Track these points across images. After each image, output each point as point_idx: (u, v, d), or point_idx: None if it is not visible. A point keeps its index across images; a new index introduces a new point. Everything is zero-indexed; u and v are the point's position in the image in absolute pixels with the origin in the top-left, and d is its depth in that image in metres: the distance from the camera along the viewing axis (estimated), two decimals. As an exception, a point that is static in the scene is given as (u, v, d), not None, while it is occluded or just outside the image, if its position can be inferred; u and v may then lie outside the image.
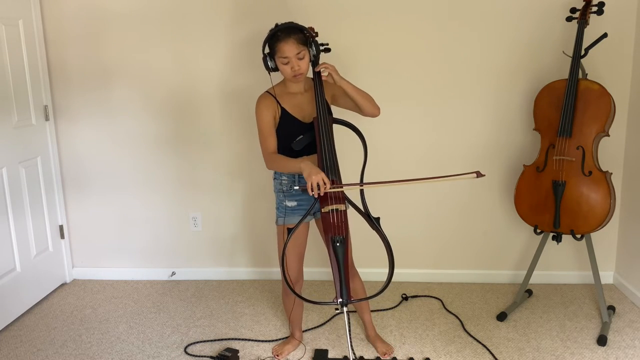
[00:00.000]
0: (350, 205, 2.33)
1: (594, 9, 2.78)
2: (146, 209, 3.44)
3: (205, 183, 3.38)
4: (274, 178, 2.48)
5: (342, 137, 2.47)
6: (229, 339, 2.78)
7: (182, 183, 3.39)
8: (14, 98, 3.02)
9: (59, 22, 3.24)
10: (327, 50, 2.52)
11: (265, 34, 2.31)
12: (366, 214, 2.33)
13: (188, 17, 3.17)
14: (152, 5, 3.17)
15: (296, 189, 2.33)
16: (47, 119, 3.30)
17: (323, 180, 2.12)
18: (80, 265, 3.56)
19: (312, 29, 2.42)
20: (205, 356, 2.62)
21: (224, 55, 3.20)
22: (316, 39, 2.39)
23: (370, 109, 2.38)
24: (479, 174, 2.11)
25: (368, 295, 2.44)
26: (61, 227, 3.45)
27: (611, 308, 2.95)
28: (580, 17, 2.78)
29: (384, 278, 2.27)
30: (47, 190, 3.31)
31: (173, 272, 3.50)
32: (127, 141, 3.36)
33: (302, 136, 2.32)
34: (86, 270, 3.56)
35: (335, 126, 2.36)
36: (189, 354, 2.64)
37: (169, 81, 3.26)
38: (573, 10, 2.83)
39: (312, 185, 2.12)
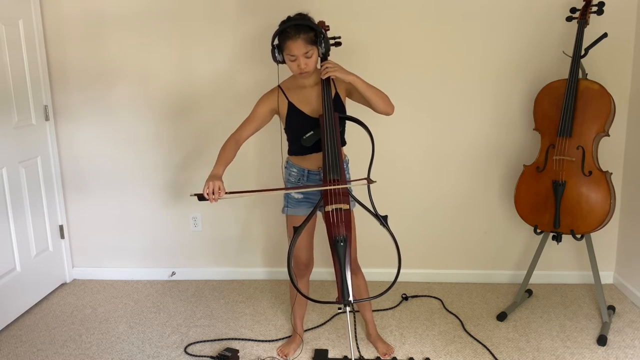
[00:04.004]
0: (357, 204, 2.32)
1: (594, 9, 2.78)
2: (146, 208, 3.44)
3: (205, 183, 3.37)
4: (285, 168, 2.48)
5: (349, 132, 2.45)
6: (229, 339, 2.78)
7: (182, 183, 3.39)
8: (14, 98, 3.02)
9: (59, 22, 3.24)
10: (338, 44, 2.44)
11: (270, 30, 2.28)
12: (373, 213, 2.29)
13: (188, 17, 3.17)
14: (152, 6, 3.16)
15: (191, 196, 2.29)
16: (47, 119, 3.30)
17: (219, 187, 2.15)
18: (80, 265, 3.56)
19: (322, 23, 2.39)
20: (205, 356, 2.62)
21: (224, 55, 3.20)
22: (327, 32, 2.35)
23: (382, 106, 2.32)
24: (369, 181, 2.12)
25: (371, 295, 2.43)
26: (61, 227, 3.45)
27: (611, 308, 2.95)
28: (580, 17, 2.78)
29: (386, 278, 2.26)
30: (47, 190, 3.31)
31: (173, 272, 3.50)
32: (127, 141, 3.36)
33: (312, 132, 2.29)
34: (86, 270, 3.56)
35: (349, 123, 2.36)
36: (189, 354, 2.64)
37: (168, 80, 3.26)
38: (573, 10, 2.83)
39: (206, 192, 2.14)
